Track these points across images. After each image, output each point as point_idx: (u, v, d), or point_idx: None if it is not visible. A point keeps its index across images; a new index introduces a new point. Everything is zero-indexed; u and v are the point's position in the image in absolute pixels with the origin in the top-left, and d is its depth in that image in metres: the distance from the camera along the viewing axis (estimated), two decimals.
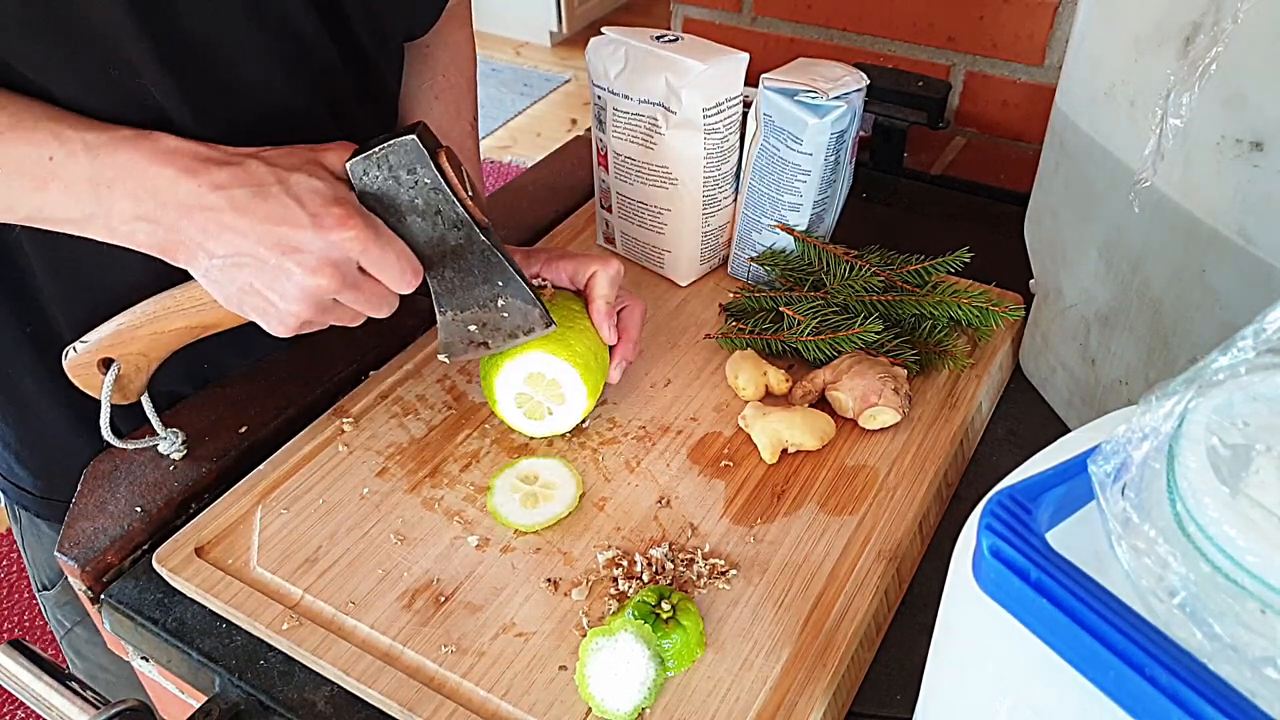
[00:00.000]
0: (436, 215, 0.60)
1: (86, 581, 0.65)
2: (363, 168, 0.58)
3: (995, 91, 1.07)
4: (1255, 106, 0.50)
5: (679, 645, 0.54)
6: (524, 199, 1.03)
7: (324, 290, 0.57)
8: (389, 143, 0.58)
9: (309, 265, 0.56)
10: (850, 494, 0.67)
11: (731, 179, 0.83)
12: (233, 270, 0.57)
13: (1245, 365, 0.33)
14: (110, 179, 0.55)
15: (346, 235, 0.56)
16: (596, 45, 0.81)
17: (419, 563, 0.63)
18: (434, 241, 0.61)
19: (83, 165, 0.55)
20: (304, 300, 0.57)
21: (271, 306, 0.58)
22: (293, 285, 0.57)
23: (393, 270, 0.58)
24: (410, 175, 0.59)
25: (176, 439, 0.70)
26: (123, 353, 0.64)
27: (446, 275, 0.63)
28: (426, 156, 0.58)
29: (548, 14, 4.13)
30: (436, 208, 0.60)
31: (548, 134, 3.55)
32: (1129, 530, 0.31)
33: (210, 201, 0.55)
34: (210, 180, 0.55)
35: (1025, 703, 0.35)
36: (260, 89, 0.64)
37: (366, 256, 0.57)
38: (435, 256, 0.62)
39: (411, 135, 0.58)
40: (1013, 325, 0.79)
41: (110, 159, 0.55)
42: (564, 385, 0.67)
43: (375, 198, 0.59)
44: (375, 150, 0.58)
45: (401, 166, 0.58)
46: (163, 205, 0.55)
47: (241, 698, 0.59)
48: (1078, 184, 0.67)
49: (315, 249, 0.56)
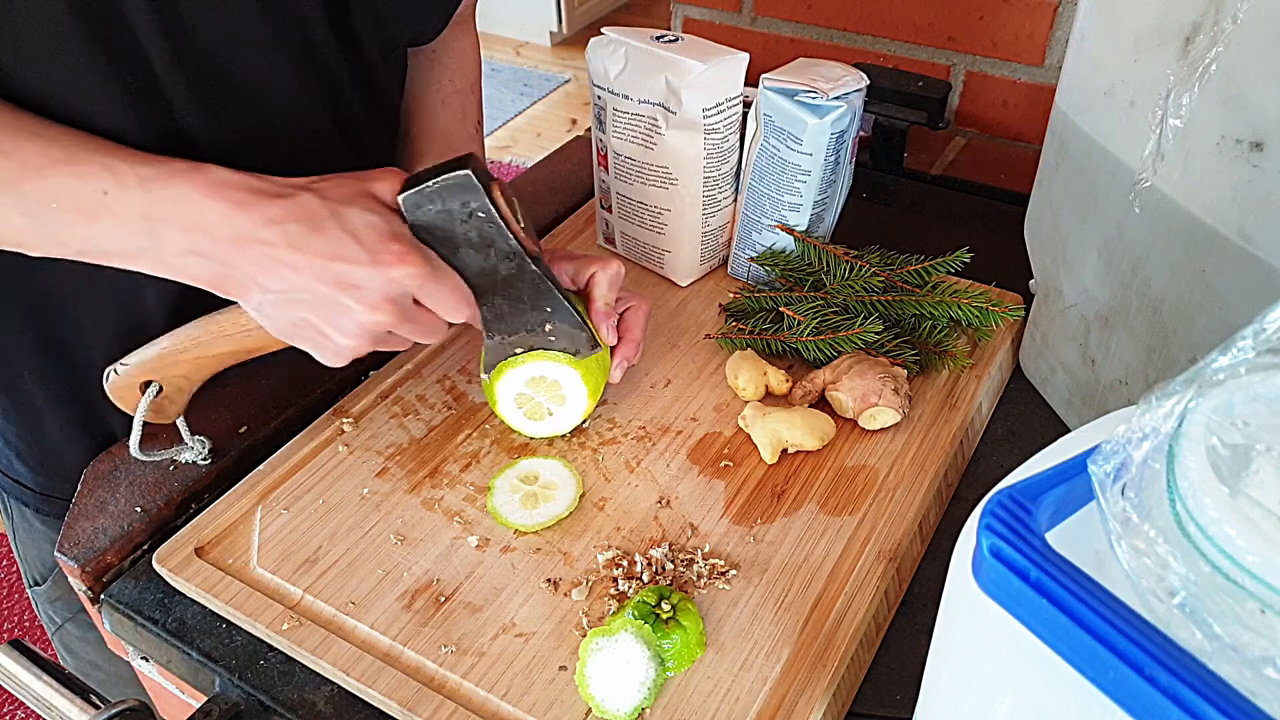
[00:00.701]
0: (489, 247, 0.60)
1: (86, 581, 0.65)
2: (416, 201, 0.58)
3: (995, 91, 1.07)
4: (1255, 106, 0.50)
5: (679, 645, 0.54)
6: (524, 199, 1.03)
7: (382, 325, 0.58)
8: (443, 177, 0.57)
9: (368, 301, 0.56)
10: (850, 494, 0.67)
11: (731, 179, 0.83)
12: (287, 305, 0.57)
13: (1245, 365, 0.33)
14: (163, 213, 0.55)
15: (405, 272, 0.56)
16: (596, 45, 0.81)
17: (419, 563, 0.63)
18: (486, 272, 0.62)
19: (135, 199, 0.55)
20: (361, 335, 0.58)
21: (327, 340, 0.59)
22: (350, 321, 0.57)
23: (448, 303, 0.59)
24: (464, 209, 0.58)
25: (203, 447, 0.70)
26: (165, 375, 0.64)
27: (496, 303, 0.64)
28: (481, 191, 0.58)
29: (548, 14, 4.13)
30: (490, 240, 0.60)
31: (548, 134, 3.55)
32: (1129, 530, 0.31)
33: (265, 236, 0.55)
34: (264, 214, 0.55)
35: (1025, 703, 0.35)
36: (269, 92, 0.64)
37: (423, 291, 0.58)
38: (486, 286, 0.62)
39: (466, 170, 0.57)
40: (1013, 325, 0.79)
41: (163, 193, 0.55)
42: (564, 386, 0.67)
43: (428, 230, 0.59)
44: (429, 185, 0.58)
45: (455, 200, 0.58)
46: (215, 240, 0.55)
47: (241, 698, 0.59)
48: (1078, 184, 0.67)
49: (373, 285, 0.56)
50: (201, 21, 0.59)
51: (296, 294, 0.56)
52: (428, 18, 0.76)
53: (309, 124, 0.67)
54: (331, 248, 0.55)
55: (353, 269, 0.55)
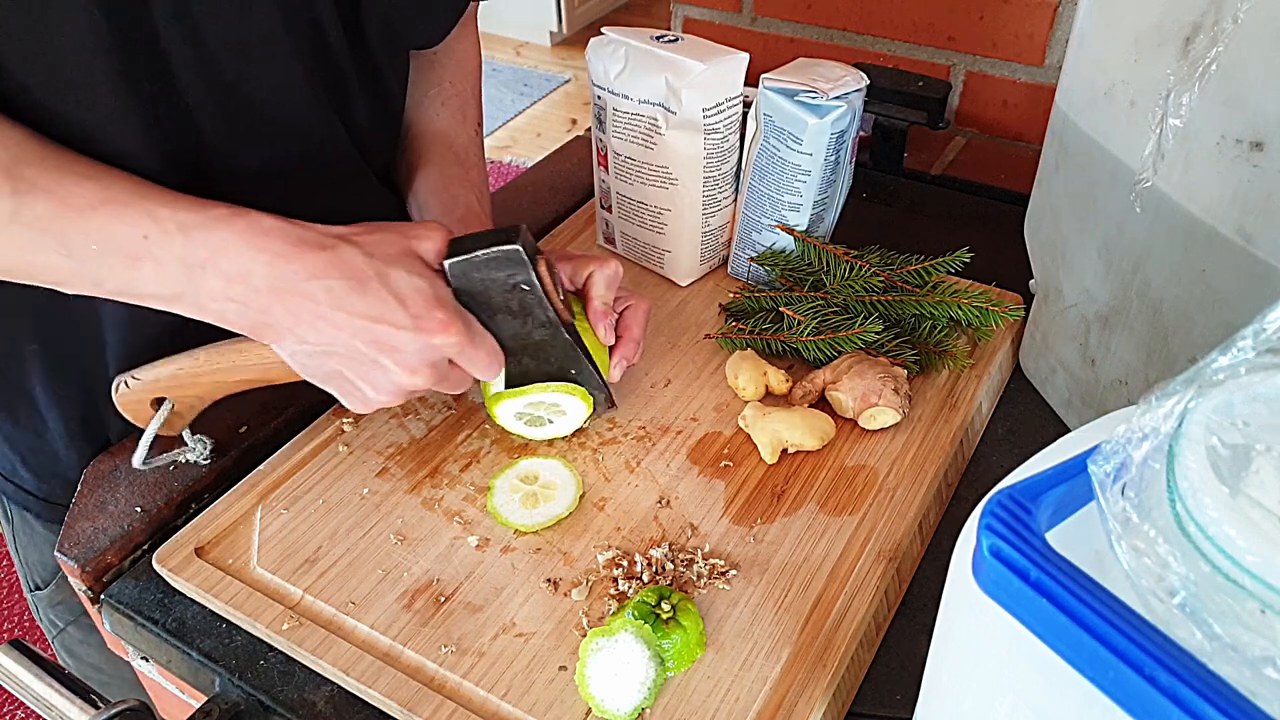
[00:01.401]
0: (527, 315, 0.62)
1: (86, 581, 0.65)
2: (463, 269, 0.59)
3: (995, 91, 1.07)
4: (1255, 106, 0.50)
5: (679, 645, 0.54)
6: (524, 199, 1.03)
7: (419, 388, 0.59)
8: (493, 249, 0.58)
9: (407, 365, 0.57)
10: (850, 494, 0.67)
11: (731, 179, 0.83)
12: (323, 357, 0.58)
13: (1245, 365, 0.33)
14: (204, 260, 0.54)
15: (447, 340, 0.57)
16: (596, 45, 0.81)
17: (419, 563, 0.63)
18: (519, 336, 0.63)
19: (176, 245, 0.54)
20: (395, 393, 0.59)
21: (358, 392, 0.60)
22: (386, 380, 0.58)
23: (481, 366, 0.60)
24: (509, 279, 0.59)
25: (205, 448, 0.70)
26: (178, 395, 0.64)
27: (524, 361, 0.65)
28: (528, 267, 0.59)
29: (548, 14, 4.13)
30: (529, 309, 0.61)
31: (548, 134, 3.55)
32: (1129, 530, 0.31)
33: (307, 290, 0.55)
34: (307, 267, 0.55)
35: (1025, 703, 0.35)
36: (281, 93, 0.64)
37: (462, 356, 0.59)
38: (517, 348, 0.64)
39: (516, 245, 0.58)
40: (1013, 325, 0.79)
41: (204, 239, 0.54)
42: (562, 401, 0.67)
43: (470, 295, 0.60)
44: (478, 255, 0.58)
45: (501, 271, 0.59)
46: (255, 290, 0.55)
47: (241, 698, 0.59)
48: (1078, 184, 0.67)
49: (413, 349, 0.56)
50: (220, 21, 0.59)
51: (334, 349, 0.57)
52: (436, 21, 0.77)
53: (320, 126, 0.68)
54: (375, 309, 0.55)
55: (396, 333, 0.56)
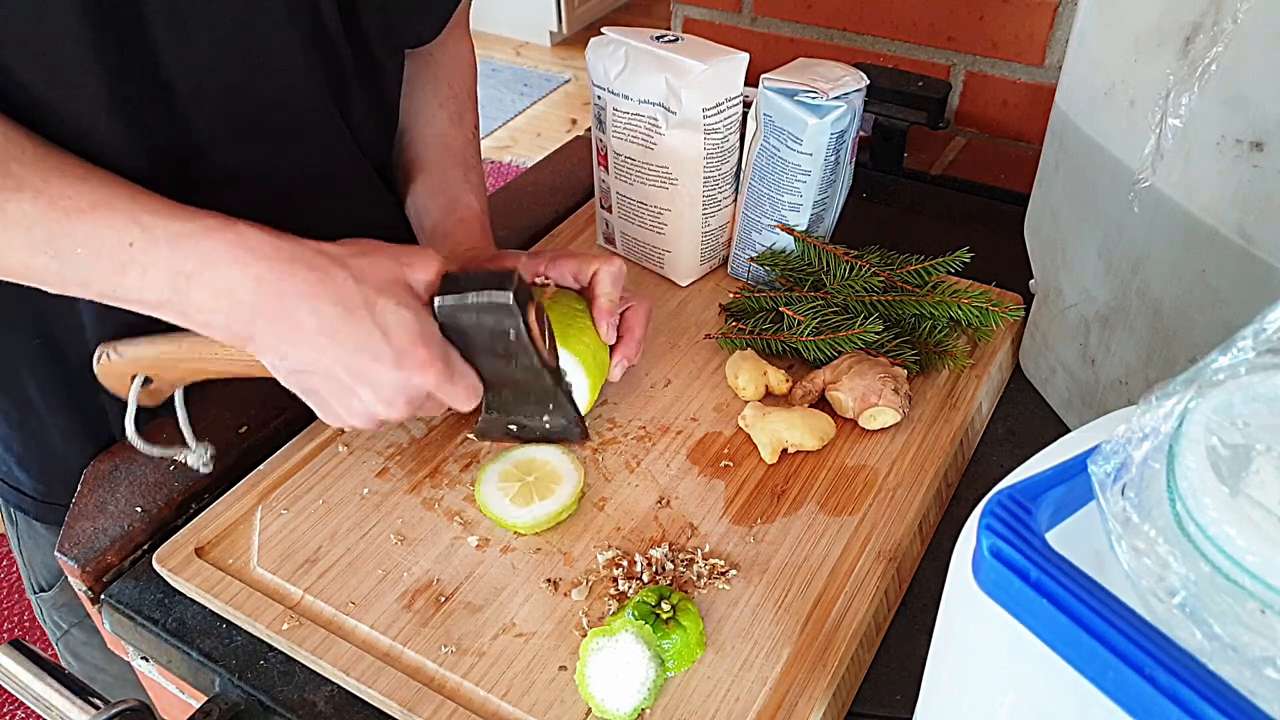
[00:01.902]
0: (511, 358, 0.61)
1: (86, 581, 0.65)
2: (453, 310, 0.58)
3: (995, 91, 1.07)
4: (1255, 106, 0.50)
5: (679, 645, 0.54)
6: (524, 199, 1.03)
7: (392, 418, 0.59)
8: (485, 295, 0.58)
9: (384, 397, 0.57)
10: (850, 494, 0.67)
11: (731, 179, 0.83)
12: (302, 375, 0.58)
13: (1245, 365, 0.33)
14: (190, 271, 0.54)
15: (426, 379, 0.57)
16: (596, 45, 0.81)
17: (419, 563, 0.63)
18: (500, 374, 0.63)
19: (163, 254, 0.54)
20: (367, 420, 0.59)
21: (332, 410, 0.60)
22: (361, 407, 0.58)
23: (460, 400, 0.60)
24: (498, 325, 0.59)
25: (206, 453, 0.69)
26: (159, 375, 0.64)
27: (504, 394, 0.64)
28: (519, 318, 0.59)
29: (548, 14, 4.13)
30: (514, 354, 0.61)
31: (548, 134, 3.55)
32: (1129, 530, 0.31)
33: (292, 311, 0.55)
34: (295, 287, 0.54)
35: (1025, 703, 0.35)
36: (281, 91, 0.64)
37: (440, 390, 0.58)
38: (497, 383, 0.63)
39: (508, 293, 0.58)
40: (1013, 325, 0.79)
41: (191, 250, 0.54)
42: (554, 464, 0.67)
43: (456, 332, 0.60)
44: (470, 299, 0.58)
45: (490, 316, 0.59)
46: (240, 305, 0.55)
47: (241, 698, 0.59)
48: (1078, 184, 0.67)
49: (391, 384, 0.57)
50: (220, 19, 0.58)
51: (314, 370, 0.57)
52: (433, 14, 0.77)
53: (321, 122, 0.68)
54: (360, 339, 0.55)
55: (375, 365, 0.56)
